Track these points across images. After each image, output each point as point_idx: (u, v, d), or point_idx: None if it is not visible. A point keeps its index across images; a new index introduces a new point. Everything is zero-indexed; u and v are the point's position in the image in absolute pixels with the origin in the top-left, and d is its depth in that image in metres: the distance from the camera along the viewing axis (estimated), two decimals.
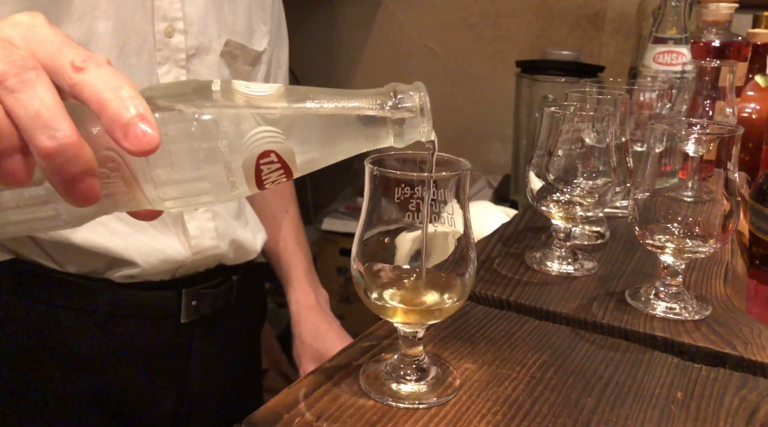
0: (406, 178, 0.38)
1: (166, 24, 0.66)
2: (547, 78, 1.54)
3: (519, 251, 0.65)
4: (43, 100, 0.29)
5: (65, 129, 0.29)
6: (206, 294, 0.75)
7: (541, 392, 0.43)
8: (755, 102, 1.04)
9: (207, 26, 0.70)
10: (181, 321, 0.74)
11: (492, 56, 2.26)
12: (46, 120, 0.29)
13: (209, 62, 0.71)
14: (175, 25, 0.67)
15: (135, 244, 0.67)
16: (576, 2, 2.07)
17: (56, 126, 0.29)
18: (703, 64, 0.84)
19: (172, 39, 0.67)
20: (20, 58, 0.30)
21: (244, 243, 0.77)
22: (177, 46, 0.67)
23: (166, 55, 0.67)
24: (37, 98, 0.29)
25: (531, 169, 0.60)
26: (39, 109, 0.29)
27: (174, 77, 0.68)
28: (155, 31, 0.65)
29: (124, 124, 0.29)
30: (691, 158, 0.52)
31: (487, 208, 0.86)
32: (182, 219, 0.70)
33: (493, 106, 2.27)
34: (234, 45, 0.74)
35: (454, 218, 0.39)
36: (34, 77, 0.29)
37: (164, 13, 0.66)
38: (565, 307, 0.54)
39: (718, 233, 0.51)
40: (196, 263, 0.72)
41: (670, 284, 0.54)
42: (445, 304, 0.40)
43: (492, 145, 2.28)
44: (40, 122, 0.29)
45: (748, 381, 0.45)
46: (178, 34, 0.67)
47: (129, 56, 0.64)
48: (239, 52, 0.75)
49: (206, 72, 0.70)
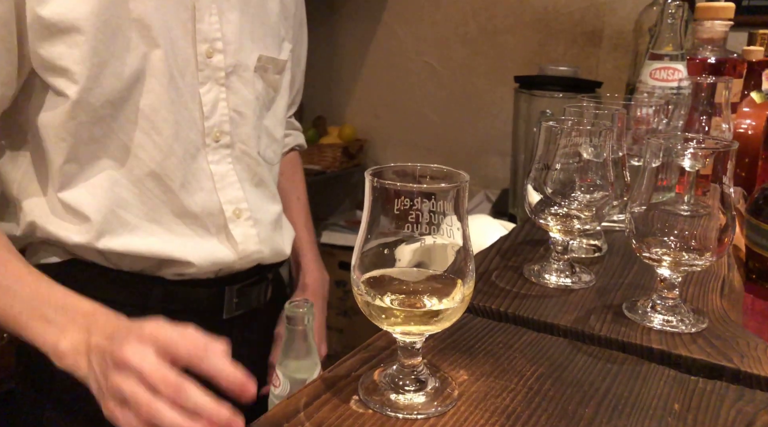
0: (405, 189, 0.38)
1: (207, 45, 0.69)
2: (545, 93, 1.56)
3: (517, 264, 0.66)
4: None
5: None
6: (246, 291, 0.79)
7: (539, 403, 0.43)
8: (751, 118, 1.05)
9: (242, 44, 0.73)
10: (224, 317, 0.77)
11: (490, 72, 2.28)
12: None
13: (245, 78, 0.74)
14: (215, 46, 0.69)
15: (193, 247, 0.71)
16: (574, 19, 2.09)
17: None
18: (699, 80, 0.85)
19: (213, 59, 0.70)
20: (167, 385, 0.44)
21: (279, 246, 0.81)
22: (217, 66, 0.70)
23: (208, 74, 0.70)
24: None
25: (529, 182, 0.61)
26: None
27: (215, 95, 0.71)
28: (197, 53, 0.68)
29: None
30: (688, 173, 0.52)
31: (486, 222, 0.87)
32: (226, 227, 0.73)
33: (491, 121, 2.29)
34: (266, 59, 0.77)
35: (452, 230, 0.39)
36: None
37: (205, 35, 0.69)
38: (562, 319, 0.54)
39: (714, 247, 0.51)
40: (241, 264, 0.75)
41: (666, 296, 0.54)
42: (444, 310, 0.40)
43: (490, 159, 2.29)
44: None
45: (745, 394, 0.46)
46: (217, 54, 0.70)
47: (177, 79, 0.67)
48: (270, 65, 0.78)
49: (242, 87, 0.73)
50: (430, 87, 2.42)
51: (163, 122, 0.67)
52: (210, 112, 0.71)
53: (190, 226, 0.71)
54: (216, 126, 0.72)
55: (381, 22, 2.47)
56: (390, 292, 0.41)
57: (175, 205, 0.70)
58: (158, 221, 0.69)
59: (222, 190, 0.73)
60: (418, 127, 2.47)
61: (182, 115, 0.68)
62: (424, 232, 0.39)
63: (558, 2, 2.11)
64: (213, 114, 0.71)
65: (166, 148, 0.67)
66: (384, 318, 0.40)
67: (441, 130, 2.41)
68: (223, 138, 0.72)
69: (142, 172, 0.67)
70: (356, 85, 2.60)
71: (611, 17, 2.03)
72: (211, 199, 0.72)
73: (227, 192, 0.73)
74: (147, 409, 0.44)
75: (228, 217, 0.73)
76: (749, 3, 1.76)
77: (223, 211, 0.73)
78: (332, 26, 2.58)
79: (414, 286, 0.41)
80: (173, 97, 0.67)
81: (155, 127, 0.67)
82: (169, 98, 0.67)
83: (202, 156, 0.71)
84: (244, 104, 0.74)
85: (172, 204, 0.70)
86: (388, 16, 2.45)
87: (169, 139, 0.67)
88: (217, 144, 0.72)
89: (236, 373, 0.44)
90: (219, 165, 0.73)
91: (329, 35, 2.60)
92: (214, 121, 0.71)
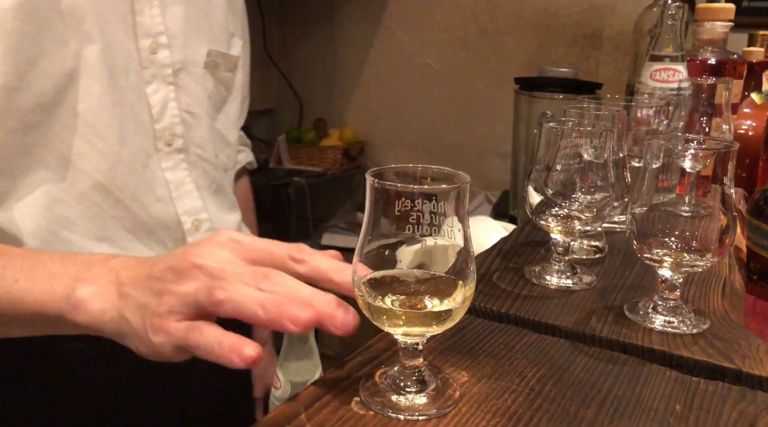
0: (406, 191, 0.38)
1: (150, 40, 0.64)
2: (546, 95, 1.56)
3: (518, 265, 0.66)
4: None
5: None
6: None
7: (540, 404, 0.43)
8: (751, 119, 1.05)
9: (189, 38, 0.68)
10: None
11: (491, 74, 2.28)
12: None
13: (195, 75, 0.69)
14: (159, 40, 0.65)
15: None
16: (574, 21, 2.09)
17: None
18: (699, 81, 0.85)
19: (158, 55, 0.65)
20: (253, 272, 0.39)
21: None
22: (163, 62, 0.65)
23: (153, 72, 0.65)
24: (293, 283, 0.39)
25: (530, 183, 0.61)
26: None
27: (163, 95, 0.65)
28: (140, 49, 0.63)
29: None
30: (688, 174, 0.52)
31: (487, 223, 0.87)
32: (184, 241, 0.68)
33: (491, 122, 2.29)
34: (216, 54, 0.72)
35: (454, 231, 0.39)
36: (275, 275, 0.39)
37: (147, 29, 0.64)
38: (564, 320, 0.54)
39: (715, 248, 0.51)
40: None
41: (668, 297, 0.54)
42: (445, 311, 0.40)
43: (491, 161, 2.29)
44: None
45: (747, 394, 0.45)
46: (162, 50, 0.65)
47: (119, 78, 0.61)
48: (221, 60, 0.73)
49: (193, 85, 0.69)
50: (430, 89, 2.42)
51: (107, 127, 0.60)
52: (159, 113, 0.65)
53: (145, 242, 0.66)
54: (167, 129, 0.66)
55: (381, 24, 2.48)
56: (391, 293, 0.41)
57: (127, 220, 0.63)
58: (109, 240, 0.63)
59: (179, 200, 0.67)
60: (418, 129, 2.47)
61: (128, 119, 0.63)
62: (425, 233, 0.39)
63: (558, 4, 2.11)
64: (163, 116, 0.66)
65: (112, 156, 0.61)
66: (385, 319, 0.40)
67: (442, 132, 2.42)
68: (175, 142, 0.67)
69: (86, 186, 0.60)
70: (357, 87, 2.60)
71: (611, 19, 2.03)
72: (167, 211, 0.66)
73: (185, 202, 0.68)
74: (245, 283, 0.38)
75: (187, 230, 0.68)
76: (749, 4, 1.76)
77: (182, 223, 0.68)
78: (332, 28, 2.59)
79: (415, 287, 0.41)
80: (116, 98, 0.61)
81: (98, 133, 0.60)
82: (111, 100, 0.61)
83: (155, 163, 0.66)
84: (197, 104, 0.69)
85: (123, 219, 0.63)
86: (389, 18, 2.45)
87: (115, 145, 0.61)
88: (169, 148, 0.66)
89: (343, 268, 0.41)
90: (174, 172, 0.67)
91: (329, 37, 2.60)
92: (164, 124, 0.66)
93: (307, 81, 2.68)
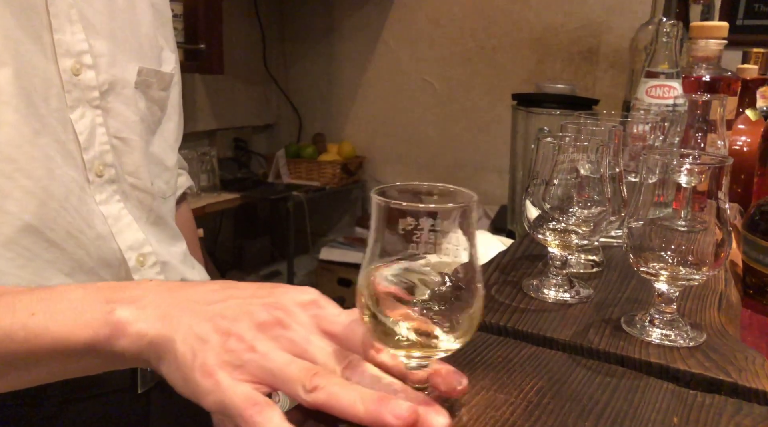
0: (411, 209, 0.38)
1: (72, 60, 0.57)
2: (543, 111, 1.57)
3: (516, 279, 0.66)
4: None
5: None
6: None
7: (539, 416, 0.43)
8: (746, 135, 1.06)
9: (116, 56, 0.62)
10: (139, 391, 0.65)
11: (488, 90, 2.30)
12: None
13: (125, 96, 0.63)
14: (82, 60, 0.58)
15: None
16: (570, 38, 2.12)
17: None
18: (694, 97, 0.87)
19: (81, 77, 0.58)
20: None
21: None
22: (88, 84, 0.59)
23: (77, 96, 0.58)
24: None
25: (527, 197, 0.62)
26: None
27: (89, 121, 0.59)
28: (61, 71, 0.57)
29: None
30: (684, 189, 0.53)
31: (485, 238, 0.87)
32: (129, 279, 0.63)
33: (489, 138, 2.31)
34: (147, 72, 0.66)
35: (459, 249, 0.39)
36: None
37: (67, 48, 0.57)
38: (561, 333, 0.54)
39: (711, 261, 0.52)
40: None
41: (664, 311, 0.55)
42: (453, 342, 0.40)
43: (488, 176, 2.31)
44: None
45: (743, 407, 0.46)
46: (87, 70, 0.59)
47: (38, 105, 0.55)
48: (153, 79, 0.68)
49: (123, 108, 0.63)
50: (428, 105, 2.44)
51: (30, 160, 0.53)
52: (87, 141, 0.59)
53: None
54: (97, 158, 0.60)
55: (380, 41, 2.50)
56: (398, 313, 0.40)
57: (63, 263, 0.56)
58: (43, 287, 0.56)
59: (119, 235, 0.61)
60: (417, 145, 2.48)
61: (53, 149, 0.56)
62: (431, 251, 0.38)
63: (555, 21, 2.14)
64: (91, 144, 0.59)
65: (40, 193, 0.54)
66: (389, 340, 0.40)
67: (440, 148, 2.43)
68: (107, 172, 0.61)
69: (12, 229, 0.53)
70: (355, 103, 2.62)
71: (607, 36, 2.06)
72: (108, 247, 0.60)
73: (126, 236, 0.62)
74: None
75: (132, 266, 0.62)
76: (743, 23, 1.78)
77: (126, 260, 0.62)
78: (332, 45, 2.61)
79: (422, 305, 0.40)
80: (37, 127, 0.54)
81: (21, 169, 0.53)
82: (32, 129, 0.54)
83: (89, 196, 0.59)
84: (128, 128, 0.63)
85: (58, 262, 0.56)
86: (387, 35, 2.48)
87: (43, 180, 0.54)
88: (101, 180, 0.60)
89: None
90: (107, 205, 0.61)
91: (329, 53, 2.62)
92: (93, 153, 0.59)
93: (306, 97, 2.70)
